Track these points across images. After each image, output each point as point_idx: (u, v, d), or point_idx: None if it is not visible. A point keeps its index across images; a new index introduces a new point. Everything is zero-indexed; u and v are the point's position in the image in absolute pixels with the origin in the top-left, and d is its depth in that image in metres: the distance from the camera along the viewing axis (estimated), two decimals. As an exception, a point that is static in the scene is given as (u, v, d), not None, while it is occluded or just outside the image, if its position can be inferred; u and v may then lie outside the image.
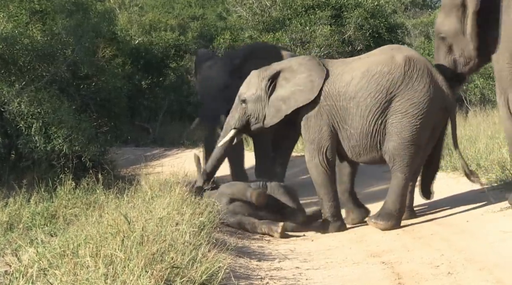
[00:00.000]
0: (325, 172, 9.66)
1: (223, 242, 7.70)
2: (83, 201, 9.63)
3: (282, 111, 9.73)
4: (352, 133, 9.47)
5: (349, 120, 9.46)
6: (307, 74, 9.69)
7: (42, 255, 6.27)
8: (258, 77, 9.95)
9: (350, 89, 9.46)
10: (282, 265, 7.79)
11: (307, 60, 9.93)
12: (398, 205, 9.43)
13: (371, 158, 9.66)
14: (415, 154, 9.37)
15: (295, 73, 9.78)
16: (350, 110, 9.43)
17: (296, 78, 9.74)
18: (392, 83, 9.34)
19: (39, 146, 11.24)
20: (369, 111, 9.36)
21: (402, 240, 8.73)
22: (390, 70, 9.38)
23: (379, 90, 9.34)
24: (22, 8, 12.57)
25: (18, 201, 9.61)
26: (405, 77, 9.33)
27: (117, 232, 6.40)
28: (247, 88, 9.99)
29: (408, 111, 9.28)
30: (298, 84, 9.69)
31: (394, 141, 9.32)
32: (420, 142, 9.35)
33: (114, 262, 5.77)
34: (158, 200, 8.14)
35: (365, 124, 9.39)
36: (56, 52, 12.32)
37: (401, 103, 9.30)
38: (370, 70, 9.42)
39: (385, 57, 9.49)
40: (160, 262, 5.78)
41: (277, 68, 9.96)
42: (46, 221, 9.09)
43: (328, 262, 7.95)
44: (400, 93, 9.31)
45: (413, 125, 9.28)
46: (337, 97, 9.51)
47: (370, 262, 7.78)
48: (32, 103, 11.25)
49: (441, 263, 7.30)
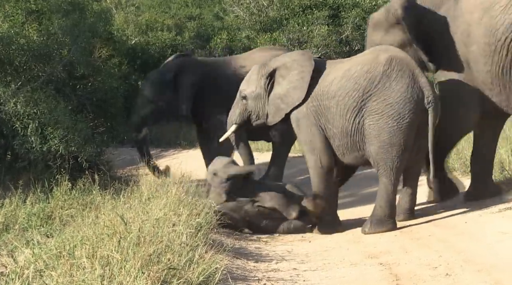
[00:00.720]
0: (321, 172, 9.61)
1: (220, 243, 7.69)
2: (79, 202, 9.60)
3: (282, 109, 9.74)
4: (335, 132, 9.47)
5: (331, 120, 9.45)
6: (298, 70, 9.70)
7: (38, 256, 6.25)
8: (257, 74, 9.96)
9: (331, 88, 9.45)
10: (280, 266, 7.77)
11: (300, 55, 9.96)
12: (388, 211, 9.36)
13: (354, 158, 9.60)
14: (398, 157, 9.22)
15: (289, 70, 9.80)
16: (331, 109, 9.43)
17: (290, 75, 9.76)
18: (370, 82, 9.25)
19: (35, 147, 11.19)
20: (347, 110, 9.33)
21: (400, 241, 8.70)
22: (369, 69, 9.30)
23: (356, 88, 9.28)
24: (18, 8, 12.51)
25: (14, 202, 9.57)
26: (383, 76, 9.23)
27: (114, 233, 6.37)
28: (247, 85, 10.02)
29: (384, 111, 9.19)
30: (291, 81, 9.71)
31: (374, 145, 9.25)
32: (401, 144, 9.19)
33: (111, 263, 5.75)
34: (155, 201, 8.12)
35: (344, 123, 9.37)
36: (52, 52, 12.26)
37: (377, 103, 9.21)
38: (351, 69, 9.41)
39: (370, 57, 9.46)
40: (157, 263, 5.76)
41: (274, 65, 9.95)
42: (42, 222, 9.05)
43: (326, 263, 7.93)
44: (377, 93, 9.21)
45: (390, 126, 9.17)
46: (321, 97, 9.52)
47: (368, 263, 7.75)
48: (28, 103, 11.21)
49: (439, 264, 7.27)
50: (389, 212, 9.36)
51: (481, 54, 9.20)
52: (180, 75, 12.80)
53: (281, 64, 9.89)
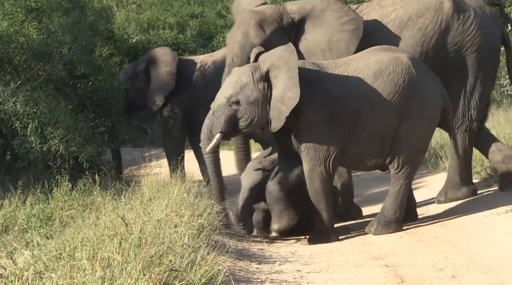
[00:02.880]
0: (328, 182, 9.17)
1: (222, 245, 7.61)
2: (79, 203, 9.54)
3: (283, 113, 9.03)
4: (364, 137, 9.09)
5: (361, 123, 9.06)
6: (286, 68, 9.09)
7: (38, 258, 6.19)
8: (250, 78, 9.18)
9: (362, 90, 9.06)
10: (283, 268, 7.71)
11: (282, 52, 9.24)
12: (399, 213, 9.28)
13: (372, 164, 9.41)
14: (421, 160, 9.42)
15: (278, 69, 9.15)
16: (363, 113, 9.05)
17: (281, 75, 9.10)
18: (408, 84, 9.12)
19: (35, 147, 11.16)
20: (385, 113, 9.09)
21: (405, 242, 8.64)
22: (402, 70, 9.13)
23: (396, 91, 9.08)
24: (18, 6, 12.47)
25: (14, 202, 9.51)
26: (417, 77, 9.18)
27: (115, 234, 6.32)
28: (240, 89, 9.16)
29: (422, 113, 9.19)
30: (284, 81, 9.07)
31: (406, 148, 9.16)
32: (426, 147, 9.37)
33: (112, 265, 5.73)
34: (156, 202, 8.04)
35: (379, 126, 9.10)
36: (52, 51, 12.22)
37: (416, 105, 9.15)
38: (382, 70, 9.11)
39: (390, 56, 9.19)
40: (158, 265, 5.74)
41: (265, 67, 9.22)
42: (42, 223, 8.99)
43: (330, 265, 7.86)
44: (416, 95, 9.14)
45: (423, 129, 9.22)
46: (347, 100, 9.06)
47: (373, 265, 7.69)
48: (28, 102, 11.17)
49: (445, 266, 7.23)
50: (400, 214, 9.28)
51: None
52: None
53: (270, 65, 9.19)
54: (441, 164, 12.70)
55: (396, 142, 9.14)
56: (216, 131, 9.22)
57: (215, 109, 9.25)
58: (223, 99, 9.21)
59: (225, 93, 9.23)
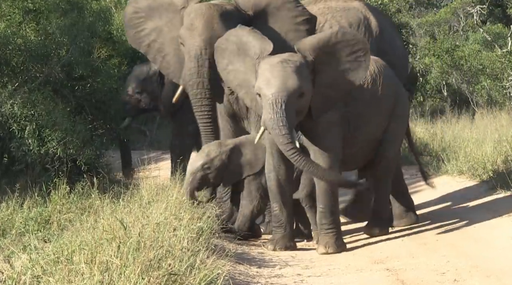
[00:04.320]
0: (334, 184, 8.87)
1: (222, 248, 7.57)
2: (77, 206, 9.49)
3: (332, 98, 8.65)
4: (360, 140, 9.05)
5: (362, 127, 9.01)
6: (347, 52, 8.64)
7: (35, 262, 6.15)
8: (305, 68, 8.48)
9: (365, 94, 9.01)
10: (283, 272, 7.67)
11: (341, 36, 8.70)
12: (388, 211, 9.62)
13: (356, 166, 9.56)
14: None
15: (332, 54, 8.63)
16: (365, 116, 8.99)
17: (336, 59, 8.63)
18: (397, 87, 9.43)
19: (32, 149, 11.09)
20: (381, 116, 9.19)
21: (406, 246, 8.63)
22: (388, 73, 9.37)
23: (391, 94, 9.24)
24: (15, 7, 12.34)
25: (11, 206, 9.44)
26: (397, 80, 9.52)
27: (113, 238, 6.28)
28: (302, 81, 8.36)
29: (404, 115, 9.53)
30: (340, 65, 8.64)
31: (392, 149, 9.37)
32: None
33: (110, 269, 5.70)
34: (155, 205, 7.98)
35: (375, 130, 9.15)
36: (50, 53, 12.09)
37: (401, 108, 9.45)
38: (375, 74, 9.13)
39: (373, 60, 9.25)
40: (157, 269, 5.72)
41: (313, 54, 8.57)
42: (40, 226, 8.94)
43: (331, 269, 7.82)
44: (401, 98, 9.44)
45: (403, 129, 9.51)
46: (354, 103, 8.94)
47: (374, 269, 7.68)
48: (25, 105, 11.09)
49: (447, 270, 7.23)
50: (388, 212, 9.62)
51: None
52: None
53: (321, 51, 8.57)
54: (443, 167, 12.69)
55: (385, 144, 9.25)
56: (292, 125, 8.38)
57: (280, 104, 8.25)
58: (291, 92, 8.31)
59: (290, 86, 8.32)
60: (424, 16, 23.01)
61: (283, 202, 8.89)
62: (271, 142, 8.78)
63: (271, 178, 8.89)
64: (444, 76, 19.52)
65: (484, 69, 18.43)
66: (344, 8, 10.05)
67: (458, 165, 12.12)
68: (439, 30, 21.57)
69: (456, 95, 20.21)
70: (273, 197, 8.93)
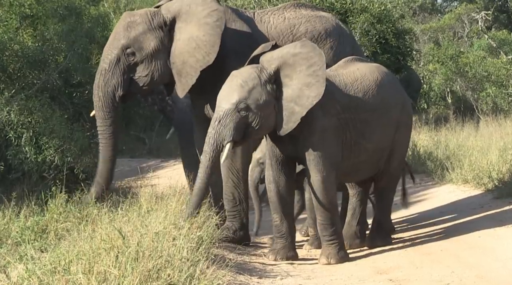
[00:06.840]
0: (333, 189, 8.68)
1: (222, 258, 7.49)
2: (75, 215, 9.38)
3: (297, 113, 8.46)
4: (367, 147, 8.84)
5: (368, 134, 8.82)
6: (306, 65, 8.53)
7: (32, 272, 6.14)
8: (256, 80, 8.51)
9: (371, 100, 8.86)
10: (284, 282, 7.58)
11: (300, 48, 8.64)
12: (390, 223, 9.68)
13: (363, 176, 9.26)
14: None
15: (293, 67, 8.57)
16: (371, 123, 8.82)
17: (298, 72, 8.55)
18: (402, 94, 9.45)
19: (29, 157, 11.09)
20: (389, 124, 9.08)
21: (410, 256, 8.53)
22: (393, 80, 9.46)
23: (397, 102, 9.23)
24: (12, 13, 12.39)
25: (7, 215, 9.36)
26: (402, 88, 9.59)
27: (111, 247, 6.28)
28: (247, 93, 8.44)
29: (409, 123, 9.55)
30: (301, 78, 8.50)
31: (397, 158, 9.31)
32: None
33: (108, 279, 5.72)
34: (154, 214, 7.91)
35: (382, 138, 8.98)
36: (48, 59, 12.15)
37: (406, 116, 9.47)
38: (383, 80, 9.04)
39: (375, 67, 9.24)
40: (156, 279, 5.75)
41: (273, 66, 8.57)
42: (37, 236, 8.85)
43: (333, 280, 7.72)
44: (406, 105, 9.46)
45: (408, 138, 9.55)
46: (357, 109, 8.76)
47: (377, 279, 7.59)
48: (22, 112, 11.11)
49: (452, 280, 7.18)
50: (391, 223, 9.69)
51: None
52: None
53: (282, 63, 8.59)
54: (447, 175, 12.62)
55: (391, 154, 9.16)
56: (226, 140, 8.45)
57: (221, 117, 8.43)
58: (230, 105, 8.42)
59: (231, 99, 8.44)
60: (428, 22, 23.01)
61: (283, 213, 8.79)
62: (270, 153, 8.70)
63: (271, 189, 8.79)
64: (448, 83, 19.51)
65: (489, 76, 18.41)
66: (316, 15, 10.06)
67: (462, 173, 12.07)
68: (443, 36, 21.56)
69: (460, 102, 20.19)
70: (273, 208, 8.83)
